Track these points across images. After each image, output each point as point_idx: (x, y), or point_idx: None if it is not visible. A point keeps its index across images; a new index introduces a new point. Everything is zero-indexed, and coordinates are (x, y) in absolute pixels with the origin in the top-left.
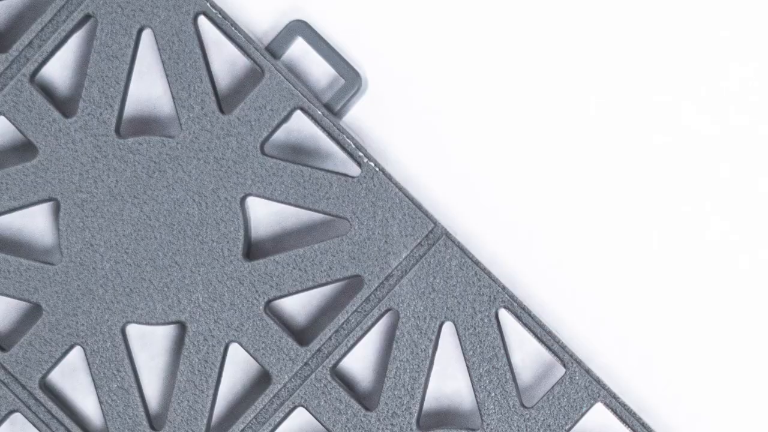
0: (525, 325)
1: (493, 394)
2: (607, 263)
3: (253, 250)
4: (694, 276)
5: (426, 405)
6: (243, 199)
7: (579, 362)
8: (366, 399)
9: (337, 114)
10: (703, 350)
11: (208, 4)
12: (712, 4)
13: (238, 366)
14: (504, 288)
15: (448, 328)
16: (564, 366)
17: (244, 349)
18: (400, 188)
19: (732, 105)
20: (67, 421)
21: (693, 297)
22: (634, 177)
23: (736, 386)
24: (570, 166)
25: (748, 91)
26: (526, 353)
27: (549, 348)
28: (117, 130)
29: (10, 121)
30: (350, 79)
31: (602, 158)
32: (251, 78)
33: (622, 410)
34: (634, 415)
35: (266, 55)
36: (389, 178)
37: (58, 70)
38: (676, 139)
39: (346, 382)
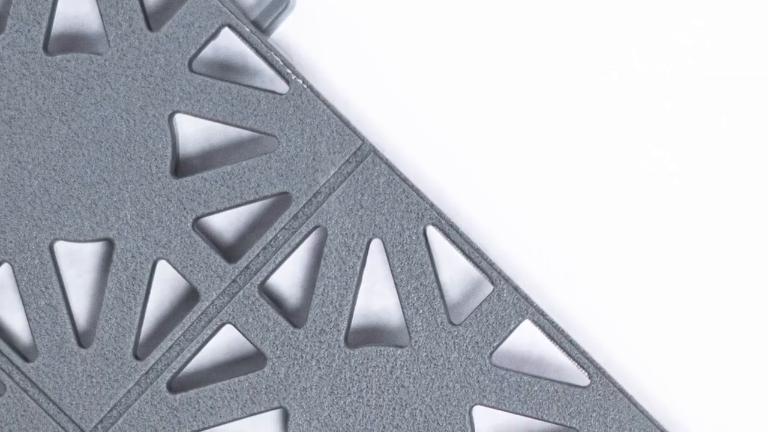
0: (453, 242)
1: (420, 312)
2: (535, 179)
3: (181, 167)
4: (615, 194)
5: (354, 322)
6: (171, 116)
7: (507, 279)
8: (294, 316)
9: (265, 31)
10: (629, 266)
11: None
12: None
13: (166, 283)
14: (432, 205)
15: (376, 246)
16: (492, 283)
17: (171, 266)
18: (328, 105)
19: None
20: None
21: (615, 216)
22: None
23: (658, 299)
24: (499, 84)
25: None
26: (454, 271)
27: (477, 265)
28: (45, 47)
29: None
30: None
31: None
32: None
33: (549, 327)
34: (561, 332)
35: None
36: (317, 95)
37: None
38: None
39: (274, 299)
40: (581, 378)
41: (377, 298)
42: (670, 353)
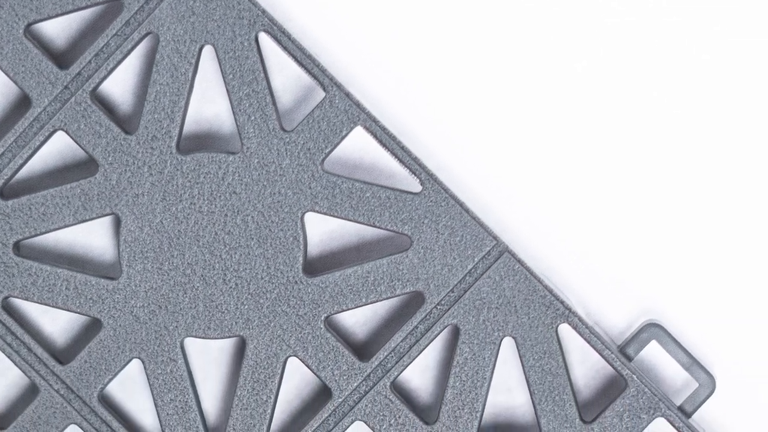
0: (285, 48)
1: (252, 118)
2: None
3: None
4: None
5: (186, 128)
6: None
7: (339, 86)
8: (126, 122)
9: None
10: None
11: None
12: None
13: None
14: (264, 12)
15: (208, 52)
16: (324, 90)
17: (5, 74)
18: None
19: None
20: None
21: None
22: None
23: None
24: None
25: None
26: (286, 77)
27: (309, 71)
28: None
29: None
30: None
31: None
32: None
33: (381, 133)
34: (393, 138)
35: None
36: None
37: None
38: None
39: (105, 106)
40: (413, 184)
41: (209, 104)
42: (498, 158)
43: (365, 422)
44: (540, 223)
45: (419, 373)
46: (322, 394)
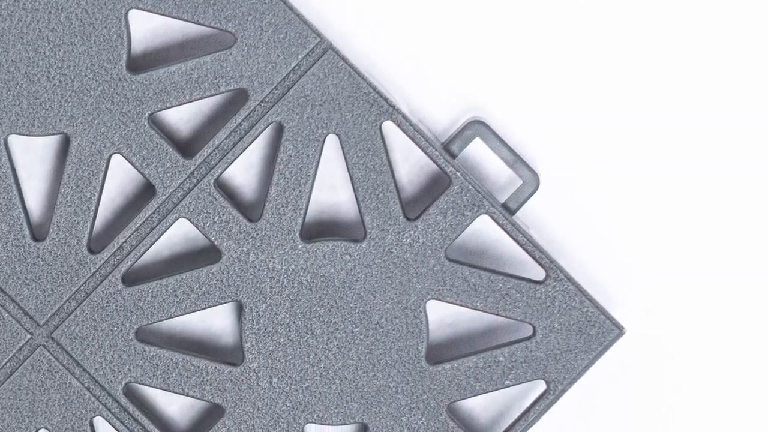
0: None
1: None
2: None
3: None
4: None
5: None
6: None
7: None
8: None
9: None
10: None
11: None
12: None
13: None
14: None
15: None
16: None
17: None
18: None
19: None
20: None
21: None
22: None
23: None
24: None
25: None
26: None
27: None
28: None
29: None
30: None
31: None
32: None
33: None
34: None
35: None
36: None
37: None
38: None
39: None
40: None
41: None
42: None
43: (189, 219)
44: (365, 20)
45: (243, 171)
46: (146, 192)
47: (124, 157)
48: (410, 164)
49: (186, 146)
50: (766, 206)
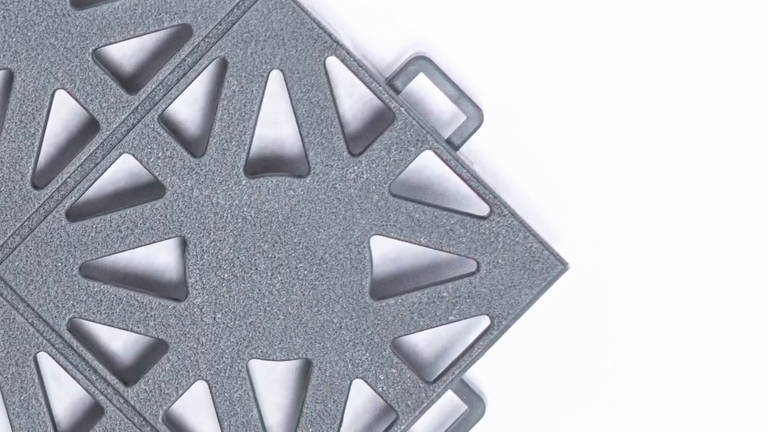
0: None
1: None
2: None
3: None
4: None
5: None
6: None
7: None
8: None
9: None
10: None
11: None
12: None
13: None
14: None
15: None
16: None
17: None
18: None
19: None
20: None
21: None
22: None
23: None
24: None
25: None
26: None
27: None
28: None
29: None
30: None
31: None
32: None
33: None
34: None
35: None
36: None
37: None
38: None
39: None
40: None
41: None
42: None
43: (133, 155)
44: None
45: (187, 106)
46: (89, 127)
47: (68, 92)
48: (354, 100)
49: (130, 82)
50: (703, 138)
